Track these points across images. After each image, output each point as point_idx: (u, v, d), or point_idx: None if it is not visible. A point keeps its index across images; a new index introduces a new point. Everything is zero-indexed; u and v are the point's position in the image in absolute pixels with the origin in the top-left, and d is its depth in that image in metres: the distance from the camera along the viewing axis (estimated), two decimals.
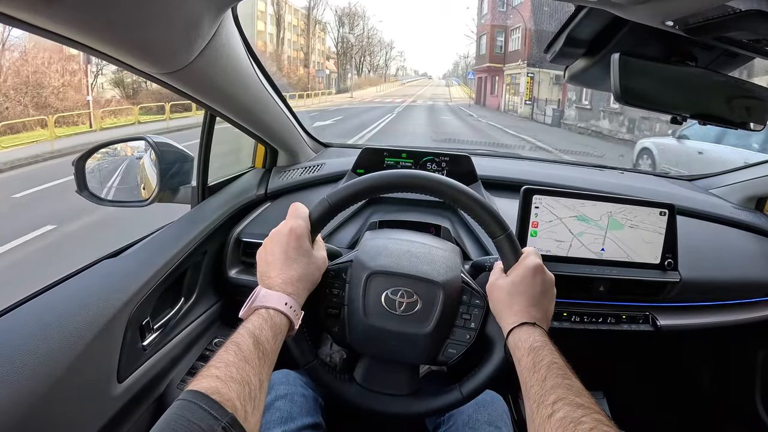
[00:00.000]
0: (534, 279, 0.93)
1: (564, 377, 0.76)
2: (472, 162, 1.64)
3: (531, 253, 0.98)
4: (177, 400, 0.66)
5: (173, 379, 1.26)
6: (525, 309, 0.91)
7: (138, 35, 0.83)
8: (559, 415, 0.69)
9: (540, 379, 0.77)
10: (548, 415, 0.70)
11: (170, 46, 0.91)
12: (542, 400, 0.73)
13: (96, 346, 0.96)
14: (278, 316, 0.83)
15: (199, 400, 0.65)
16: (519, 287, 0.93)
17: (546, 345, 0.83)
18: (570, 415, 0.68)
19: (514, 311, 0.91)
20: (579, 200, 1.33)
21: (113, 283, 1.07)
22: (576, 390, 0.73)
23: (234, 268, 1.48)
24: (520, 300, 0.92)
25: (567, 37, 1.03)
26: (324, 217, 0.99)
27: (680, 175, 2.10)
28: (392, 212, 1.52)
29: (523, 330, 0.88)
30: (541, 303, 0.93)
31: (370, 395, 1.06)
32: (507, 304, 0.93)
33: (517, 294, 0.93)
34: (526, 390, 0.79)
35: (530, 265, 0.95)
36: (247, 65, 1.24)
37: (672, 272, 1.37)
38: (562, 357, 0.82)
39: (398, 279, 1.03)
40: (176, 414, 0.63)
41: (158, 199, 1.42)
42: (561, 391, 0.73)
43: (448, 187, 0.99)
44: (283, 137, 1.74)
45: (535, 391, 0.76)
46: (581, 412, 0.68)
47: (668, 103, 1.01)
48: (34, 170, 11.11)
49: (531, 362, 0.81)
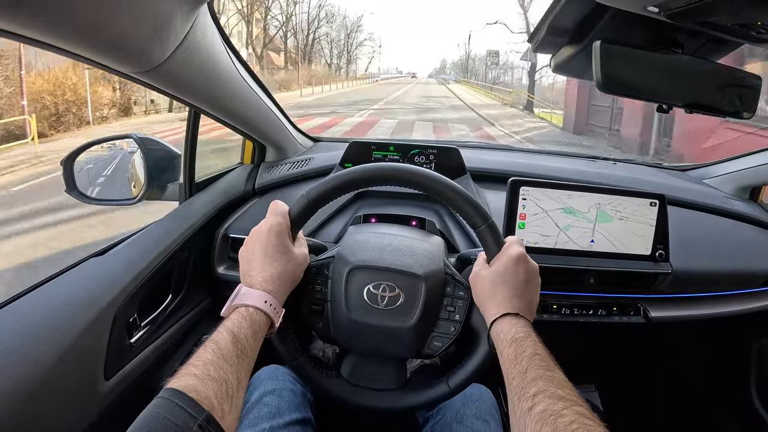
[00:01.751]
0: (517, 268, 0.92)
1: (546, 369, 0.75)
2: (460, 154, 1.64)
3: (514, 242, 0.97)
4: (155, 398, 0.66)
5: (162, 376, 1.26)
6: (508, 299, 0.89)
7: (107, 35, 0.83)
8: (540, 408, 0.68)
9: (521, 371, 0.76)
10: (528, 408, 0.69)
11: (142, 45, 0.90)
12: (523, 392, 0.73)
13: (82, 345, 0.96)
14: (258, 314, 0.83)
15: (176, 398, 0.65)
16: (502, 277, 0.92)
17: (528, 336, 0.82)
18: (550, 408, 0.67)
19: (496, 302, 0.90)
20: (566, 192, 1.33)
21: (99, 282, 1.06)
22: (557, 382, 0.72)
23: (222, 265, 1.48)
24: (502, 290, 0.91)
25: (549, 26, 1.02)
26: (304, 214, 0.99)
27: (673, 165, 2.09)
28: (378, 206, 1.52)
29: (506, 321, 0.87)
30: (524, 293, 0.91)
31: (357, 390, 1.06)
32: (490, 294, 0.92)
33: (500, 284, 0.92)
34: (507, 382, 0.78)
35: (513, 254, 0.93)
36: (227, 61, 1.23)
37: (663, 263, 1.36)
38: (545, 348, 0.81)
39: (380, 273, 1.03)
40: (153, 412, 0.64)
41: (146, 196, 1.42)
42: (542, 383, 0.72)
43: (426, 178, 0.98)
44: (270, 132, 1.74)
45: (516, 384, 0.75)
46: (562, 405, 0.67)
47: (653, 92, 1.00)
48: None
49: (513, 354, 0.80)
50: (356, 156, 1.66)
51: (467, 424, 1.09)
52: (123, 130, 7.12)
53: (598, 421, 0.65)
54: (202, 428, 0.63)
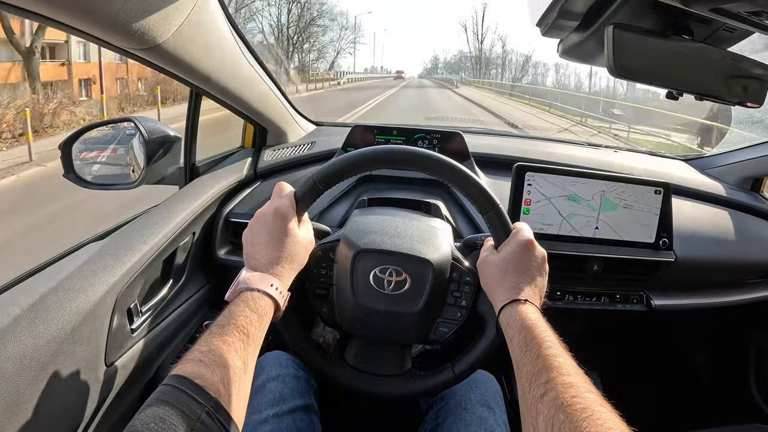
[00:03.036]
0: (525, 254, 0.92)
1: (556, 356, 0.74)
2: (464, 139, 1.62)
3: (522, 228, 0.96)
4: (161, 385, 0.65)
5: (164, 362, 1.26)
6: (516, 286, 0.89)
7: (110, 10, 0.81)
8: (551, 395, 0.67)
9: (532, 358, 0.75)
10: (541, 395, 0.69)
11: (145, 22, 0.89)
12: (534, 379, 0.72)
13: (82, 331, 0.94)
14: (263, 298, 0.82)
15: (182, 384, 0.64)
16: (510, 263, 0.91)
17: (538, 322, 0.82)
18: (562, 394, 0.67)
19: (505, 288, 0.89)
20: (570, 179, 1.32)
21: (99, 267, 1.05)
22: (568, 368, 0.72)
23: (223, 249, 1.47)
24: (511, 276, 0.90)
25: (560, 9, 1.00)
26: (309, 196, 0.97)
27: (676, 155, 2.08)
28: (382, 190, 1.51)
29: (515, 307, 0.86)
30: (533, 279, 0.91)
31: (362, 376, 1.05)
32: (498, 281, 0.91)
33: (509, 270, 0.91)
34: (518, 369, 0.78)
35: (521, 240, 0.93)
36: (232, 42, 1.22)
37: (666, 251, 1.36)
38: (555, 334, 0.80)
39: (387, 257, 1.02)
40: (159, 399, 0.62)
41: (146, 180, 1.40)
42: (553, 370, 0.71)
43: (436, 161, 0.97)
44: (272, 116, 1.72)
45: (527, 370, 0.75)
46: (573, 392, 0.67)
47: (664, 78, 0.99)
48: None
49: (523, 340, 0.79)
50: (359, 140, 1.64)
51: (472, 410, 1.08)
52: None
53: (610, 407, 0.65)
54: (210, 415, 0.63)
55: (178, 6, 0.93)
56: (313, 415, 1.10)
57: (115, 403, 1.07)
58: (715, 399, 1.86)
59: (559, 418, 0.64)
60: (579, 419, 0.62)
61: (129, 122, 1.47)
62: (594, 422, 0.61)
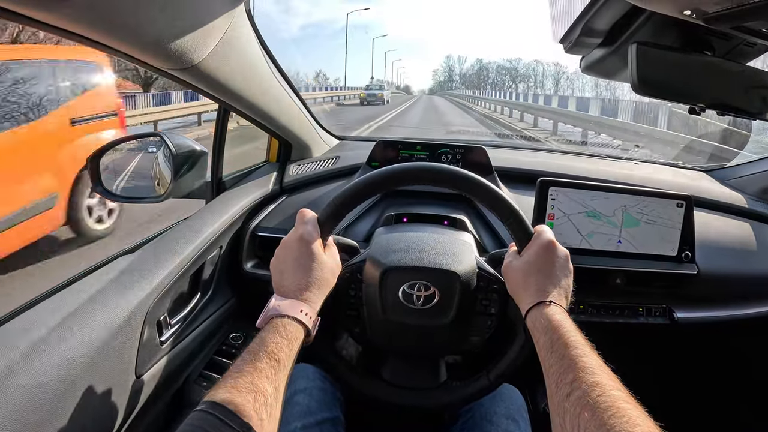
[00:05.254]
0: (548, 256, 0.92)
1: (582, 356, 0.75)
2: (486, 153, 1.64)
3: (543, 230, 0.97)
4: (194, 411, 0.66)
5: (191, 373, 1.28)
6: (541, 288, 0.89)
7: (152, 32, 0.85)
8: (578, 394, 0.68)
9: (558, 358, 0.76)
10: (567, 394, 0.69)
11: (182, 43, 0.92)
12: (560, 379, 0.73)
13: (114, 343, 0.97)
14: (293, 325, 0.83)
15: (215, 410, 0.65)
16: (533, 266, 0.92)
17: (564, 323, 0.82)
18: (588, 393, 0.67)
19: (530, 291, 0.90)
20: (590, 193, 1.32)
21: (130, 281, 1.07)
22: (594, 367, 0.72)
23: (250, 262, 1.49)
24: (535, 279, 0.91)
25: (584, 27, 1.02)
26: (332, 220, 0.98)
27: (696, 166, 2.07)
28: (407, 205, 1.51)
29: (540, 309, 0.86)
30: (558, 280, 0.91)
31: (400, 392, 1.07)
32: (523, 284, 0.92)
33: (532, 273, 0.91)
34: (545, 369, 0.78)
35: (543, 242, 0.94)
36: (261, 59, 1.24)
37: (689, 264, 1.36)
38: (581, 333, 0.80)
39: (414, 273, 1.03)
40: (193, 425, 0.64)
41: (173, 194, 1.42)
42: (579, 370, 0.72)
43: (456, 175, 0.98)
44: (297, 131, 1.74)
45: (554, 371, 0.75)
46: (599, 390, 0.67)
47: (686, 94, 1.00)
48: None
49: (549, 341, 0.80)
50: (383, 155, 1.65)
51: (497, 424, 1.09)
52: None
53: (636, 404, 0.65)
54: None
55: (215, 26, 0.96)
56: (340, 427, 1.12)
57: (143, 413, 1.09)
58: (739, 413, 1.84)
59: (585, 417, 0.64)
60: (605, 417, 0.62)
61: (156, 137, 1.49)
62: (619, 419, 0.62)
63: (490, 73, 63.07)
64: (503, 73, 60.22)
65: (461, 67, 77.31)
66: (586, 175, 1.67)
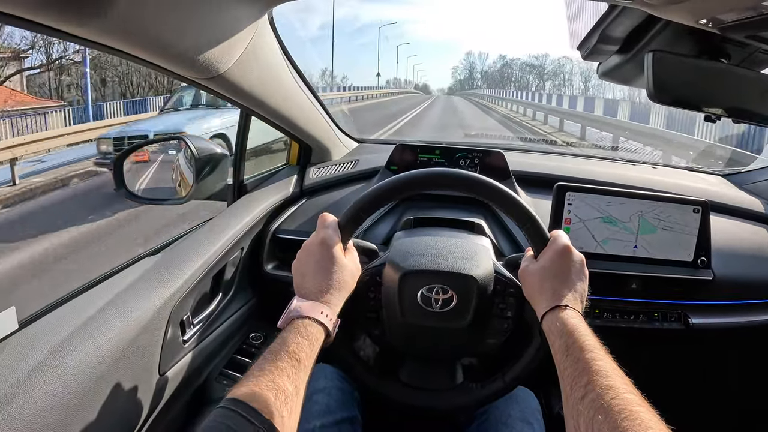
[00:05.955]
0: (563, 260, 0.93)
1: (596, 359, 0.76)
2: (504, 157, 1.64)
3: (559, 235, 0.98)
4: (216, 407, 0.68)
5: (212, 371, 1.30)
6: (557, 292, 0.90)
7: (181, 44, 0.87)
8: (591, 397, 0.69)
9: (573, 362, 0.77)
10: (581, 397, 0.71)
11: (211, 54, 0.95)
12: (575, 382, 0.74)
13: (139, 342, 0.99)
14: (313, 326, 0.85)
15: (237, 407, 0.67)
16: (549, 271, 0.93)
17: (579, 326, 0.83)
18: (601, 396, 0.68)
19: (546, 295, 0.91)
20: (607, 198, 1.32)
21: (156, 281, 1.09)
22: (608, 371, 0.73)
23: (270, 263, 1.51)
24: (551, 283, 0.92)
25: (601, 34, 1.03)
26: (353, 225, 1.00)
27: (713, 171, 2.06)
28: (425, 209, 1.53)
29: (556, 313, 0.87)
30: (573, 284, 0.92)
31: (417, 393, 1.08)
32: (539, 288, 0.93)
33: (548, 278, 0.93)
34: (560, 372, 0.79)
35: (558, 247, 0.95)
36: (284, 66, 1.27)
37: (705, 270, 1.36)
38: (595, 337, 0.81)
39: (432, 276, 1.04)
40: (216, 421, 0.66)
41: (195, 197, 1.45)
42: (593, 373, 0.73)
43: (473, 181, 1.00)
44: (318, 134, 1.76)
45: (568, 374, 0.76)
46: (612, 393, 0.68)
47: (702, 101, 1.00)
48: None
49: (564, 345, 0.81)
50: (402, 159, 1.67)
51: (512, 426, 1.10)
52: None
53: (649, 407, 0.66)
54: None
55: (240, 37, 0.98)
56: (357, 427, 1.13)
57: (166, 410, 1.12)
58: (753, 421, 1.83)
59: (599, 419, 0.65)
60: (618, 419, 0.63)
61: (178, 140, 1.52)
62: (632, 422, 0.63)
63: (514, 70, 59.66)
64: (528, 71, 57.08)
65: (482, 64, 73.54)
66: (603, 179, 1.66)
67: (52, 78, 25.43)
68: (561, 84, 50.15)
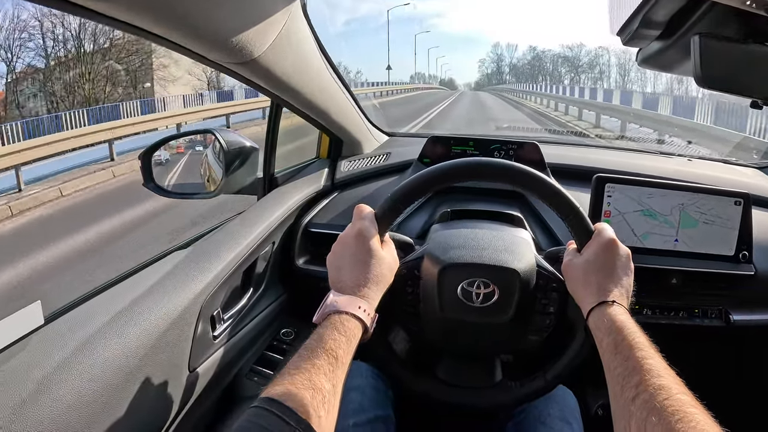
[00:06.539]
0: (609, 254, 0.91)
1: (647, 358, 0.73)
2: (539, 149, 1.60)
3: (604, 228, 0.95)
4: (250, 407, 0.66)
5: (242, 368, 1.30)
6: (603, 287, 0.88)
7: (213, 26, 0.86)
8: (643, 398, 0.67)
9: (623, 360, 0.75)
10: (632, 398, 0.68)
11: (244, 37, 0.93)
12: (626, 382, 0.72)
13: (169, 337, 0.98)
14: (351, 321, 0.82)
15: (272, 407, 0.65)
16: (594, 265, 0.91)
17: (627, 323, 0.81)
18: (654, 397, 0.66)
19: (591, 291, 0.88)
20: (647, 190, 1.29)
21: (185, 275, 1.08)
22: (660, 370, 0.71)
23: (302, 258, 1.49)
24: (596, 278, 0.89)
25: (642, 18, 1.00)
26: (390, 216, 0.97)
27: (751, 163, 2.01)
28: (462, 201, 1.49)
29: (603, 309, 0.85)
30: (619, 279, 0.89)
31: (455, 390, 1.06)
32: (583, 283, 0.91)
33: (593, 272, 0.90)
34: (608, 371, 0.77)
35: (603, 240, 0.92)
36: (316, 55, 1.25)
37: (746, 265, 1.32)
38: (644, 335, 0.79)
39: (473, 270, 1.01)
40: (250, 421, 0.64)
41: (224, 190, 1.44)
42: (645, 372, 0.71)
43: (516, 171, 0.97)
44: (349, 127, 1.75)
45: (618, 373, 0.74)
46: (665, 394, 0.66)
47: (750, 87, 0.96)
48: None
49: (612, 343, 0.78)
50: (435, 151, 1.64)
51: (551, 425, 1.08)
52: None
53: (702, 409, 0.64)
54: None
55: (273, 21, 0.97)
56: (392, 426, 1.12)
57: (195, 407, 1.11)
58: None
59: (652, 421, 0.63)
60: (672, 421, 0.61)
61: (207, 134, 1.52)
62: (687, 424, 0.61)
63: (545, 63, 56.77)
64: (561, 63, 54.19)
65: (511, 56, 69.89)
66: (640, 171, 1.62)
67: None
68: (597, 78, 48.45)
